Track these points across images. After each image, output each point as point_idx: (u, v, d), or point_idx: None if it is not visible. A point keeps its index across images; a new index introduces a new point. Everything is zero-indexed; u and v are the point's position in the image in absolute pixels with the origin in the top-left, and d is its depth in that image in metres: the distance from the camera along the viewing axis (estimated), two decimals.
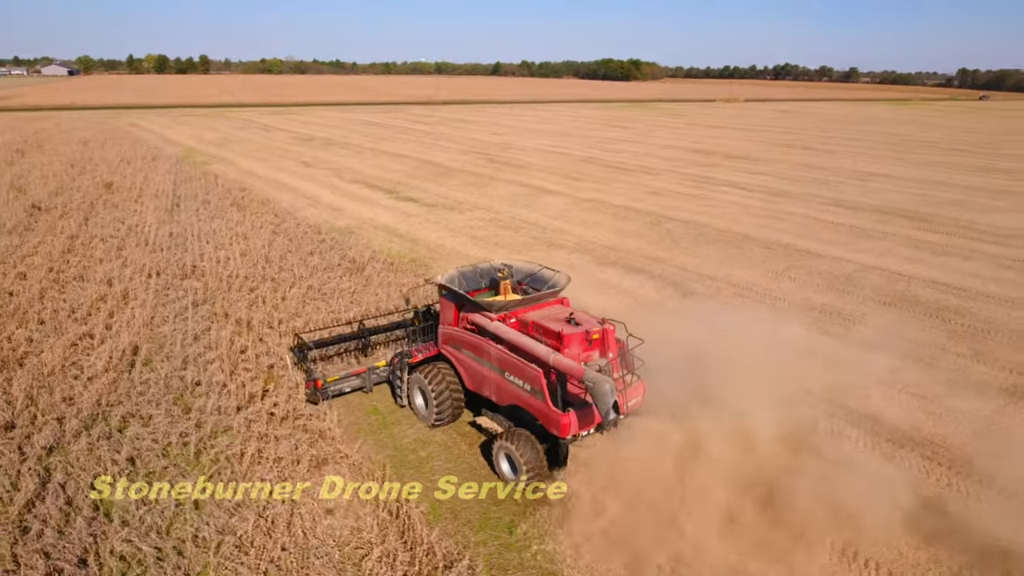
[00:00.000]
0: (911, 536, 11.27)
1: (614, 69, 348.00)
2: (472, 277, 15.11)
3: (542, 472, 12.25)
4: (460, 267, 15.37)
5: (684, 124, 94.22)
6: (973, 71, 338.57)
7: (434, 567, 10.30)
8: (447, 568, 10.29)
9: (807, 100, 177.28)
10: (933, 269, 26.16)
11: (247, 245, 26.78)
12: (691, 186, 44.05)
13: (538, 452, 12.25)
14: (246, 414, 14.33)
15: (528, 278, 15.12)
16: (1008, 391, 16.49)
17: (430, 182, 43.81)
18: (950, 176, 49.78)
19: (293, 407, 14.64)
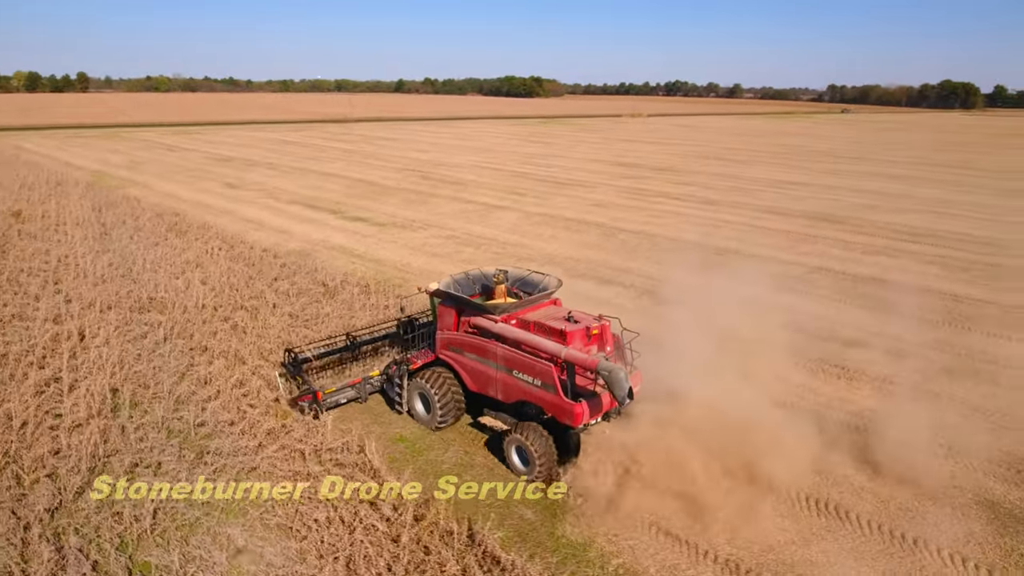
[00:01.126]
0: None
1: (517, 86, 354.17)
2: (465, 284, 15.73)
3: (553, 463, 12.95)
4: (453, 275, 15.91)
5: (600, 139, 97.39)
6: (841, 87, 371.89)
7: None
8: None
9: (702, 114, 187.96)
10: (871, 267, 28.47)
11: (204, 273, 25.09)
12: (628, 198, 45.59)
13: (549, 443, 12.90)
14: (269, 453, 13.41)
15: (518, 282, 15.85)
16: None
17: (371, 201, 42.86)
18: (852, 182, 54.37)
19: (320, 441, 13.84)
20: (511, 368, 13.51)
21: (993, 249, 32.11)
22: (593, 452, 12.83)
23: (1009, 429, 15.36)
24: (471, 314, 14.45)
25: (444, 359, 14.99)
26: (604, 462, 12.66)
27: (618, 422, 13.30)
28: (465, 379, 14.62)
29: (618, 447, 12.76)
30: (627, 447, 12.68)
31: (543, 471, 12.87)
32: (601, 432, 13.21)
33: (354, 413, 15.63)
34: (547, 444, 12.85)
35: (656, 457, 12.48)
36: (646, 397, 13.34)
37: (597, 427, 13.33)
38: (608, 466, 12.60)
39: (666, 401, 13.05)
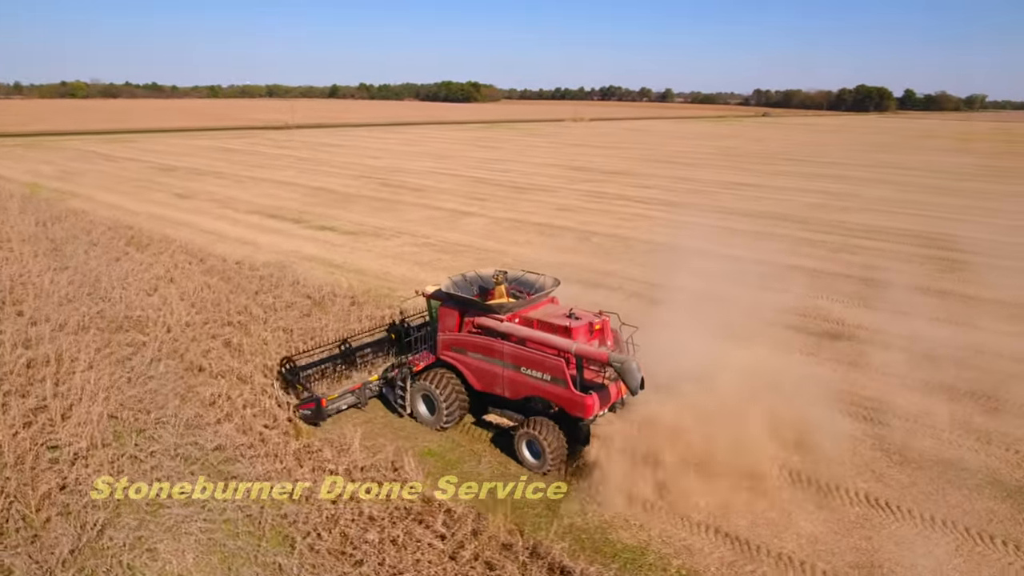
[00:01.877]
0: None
1: (455, 91, 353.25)
2: (464, 286, 15.99)
3: (564, 455, 13.45)
4: (452, 277, 16.12)
5: (548, 143, 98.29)
6: (766, 91, 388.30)
7: None
8: None
9: (640, 119, 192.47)
10: (839, 265, 29.85)
11: (180, 288, 23.84)
12: (591, 201, 46.19)
13: (560, 436, 13.40)
14: (300, 474, 12.85)
15: (514, 282, 16.28)
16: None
17: (335, 209, 41.83)
18: (800, 184, 56.85)
19: (351, 461, 13.36)
20: (519, 365, 13.91)
21: (947, 244, 34.23)
22: (627, 459, 12.92)
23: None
24: (475, 314, 14.76)
25: (446, 360, 15.25)
26: (640, 467, 12.82)
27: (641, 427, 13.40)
28: (469, 378, 14.88)
29: (648, 448, 12.97)
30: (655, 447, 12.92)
31: (555, 463, 13.39)
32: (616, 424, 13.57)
33: (378, 428, 15.19)
34: (558, 437, 13.38)
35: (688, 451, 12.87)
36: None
37: (602, 417, 13.88)
38: (643, 470, 12.80)
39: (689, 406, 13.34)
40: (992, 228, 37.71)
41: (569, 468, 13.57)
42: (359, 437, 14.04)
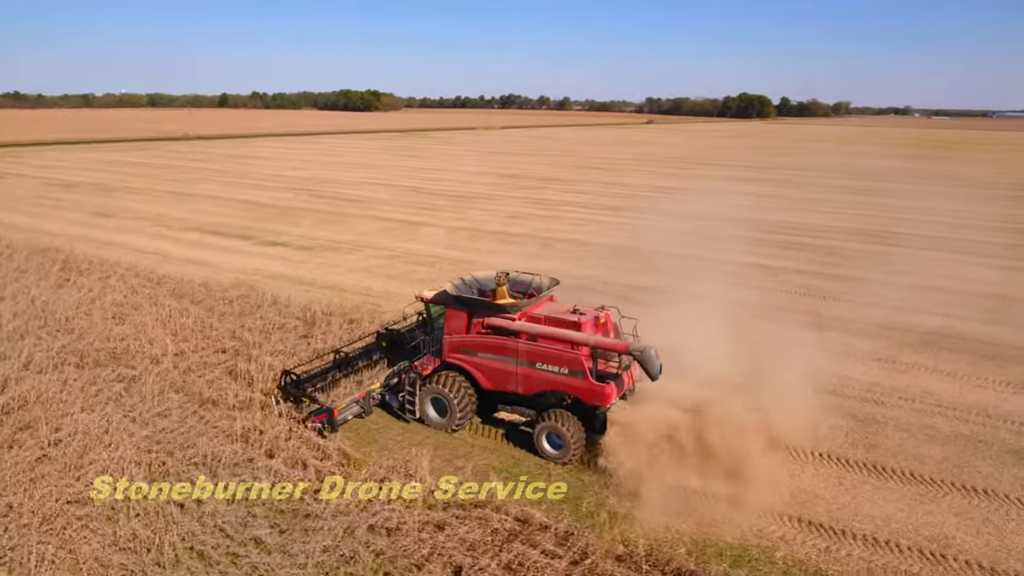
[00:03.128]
0: None
1: (355, 100, 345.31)
2: (464, 289, 16.14)
3: (583, 444, 14.06)
4: (452, 281, 16.36)
5: (469, 151, 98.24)
6: (657, 99, 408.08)
7: None
8: None
9: (545, 126, 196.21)
10: (795, 262, 31.90)
11: (153, 315, 21.82)
12: (537, 208, 46.66)
13: (579, 426, 14.00)
14: (379, 508, 12.13)
15: (510, 283, 16.44)
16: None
17: (278, 223, 39.81)
18: (723, 186, 60.14)
19: (429, 488, 12.76)
20: (534, 361, 14.33)
21: (876, 239, 37.38)
22: (693, 465, 13.28)
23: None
24: (485, 315, 15.03)
25: (453, 362, 15.44)
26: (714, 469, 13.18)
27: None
28: (479, 379, 15.12)
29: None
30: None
31: (576, 453, 13.94)
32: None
33: (429, 449, 14.58)
34: (578, 426, 14.02)
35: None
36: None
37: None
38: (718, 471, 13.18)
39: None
40: (925, 225, 41.53)
41: (586, 457, 14.12)
42: (427, 458, 13.44)
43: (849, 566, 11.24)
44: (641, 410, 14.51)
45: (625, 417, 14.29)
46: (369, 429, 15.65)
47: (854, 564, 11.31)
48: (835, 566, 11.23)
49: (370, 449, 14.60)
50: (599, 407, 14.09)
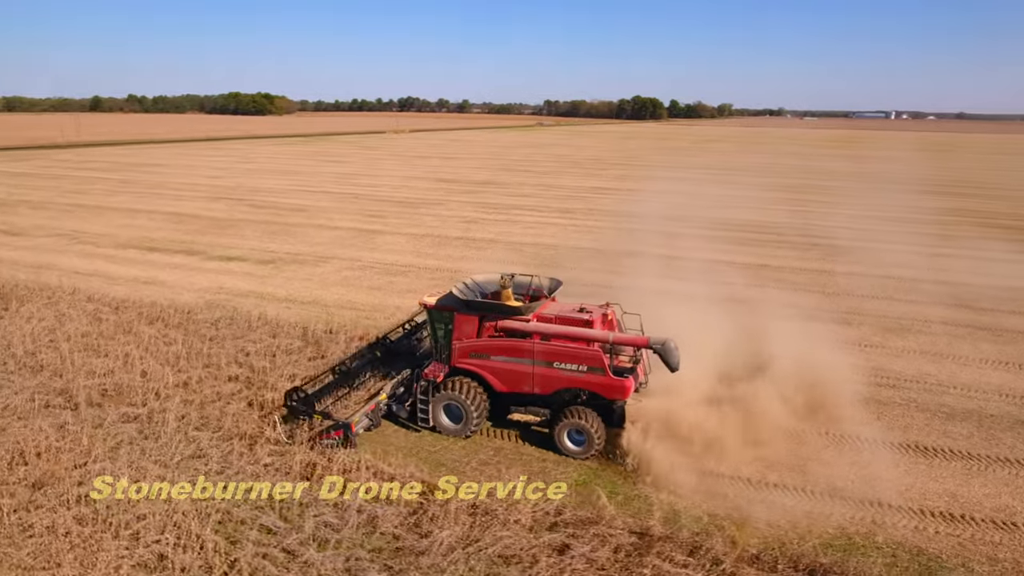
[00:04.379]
0: None
1: (246, 103, 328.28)
2: (468, 293, 16.08)
3: (604, 437, 14.37)
4: (456, 286, 16.24)
5: (390, 156, 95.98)
6: (555, 102, 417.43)
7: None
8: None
9: (456, 129, 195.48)
10: (756, 257, 33.58)
11: (133, 343, 19.63)
12: (488, 213, 46.35)
13: (600, 421, 14.34)
14: (493, 540, 11.54)
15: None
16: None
17: (221, 237, 37.14)
18: (649, 186, 62.18)
19: (548, 508, 12.28)
20: (551, 361, 14.48)
21: (817, 233, 40.04)
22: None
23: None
24: (496, 318, 15.09)
25: (464, 367, 15.28)
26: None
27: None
28: (492, 382, 15.08)
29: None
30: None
31: (599, 447, 14.25)
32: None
33: (516, 467, 14.06)
34: (600, 421, 14.34)
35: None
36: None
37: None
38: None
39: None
40: (858, 219, 44.77)
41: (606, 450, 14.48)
42: (522, 479, 12.95)
43: (943, 543, 11.94)
44: (668, 404, 14.89)
45: (652, 412, 14.73)
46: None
47: (944, 541, 12.01)
48: (932, 545, 11.89)
49: (423, 465, 13.90)
50: (618, 401, 14.51)
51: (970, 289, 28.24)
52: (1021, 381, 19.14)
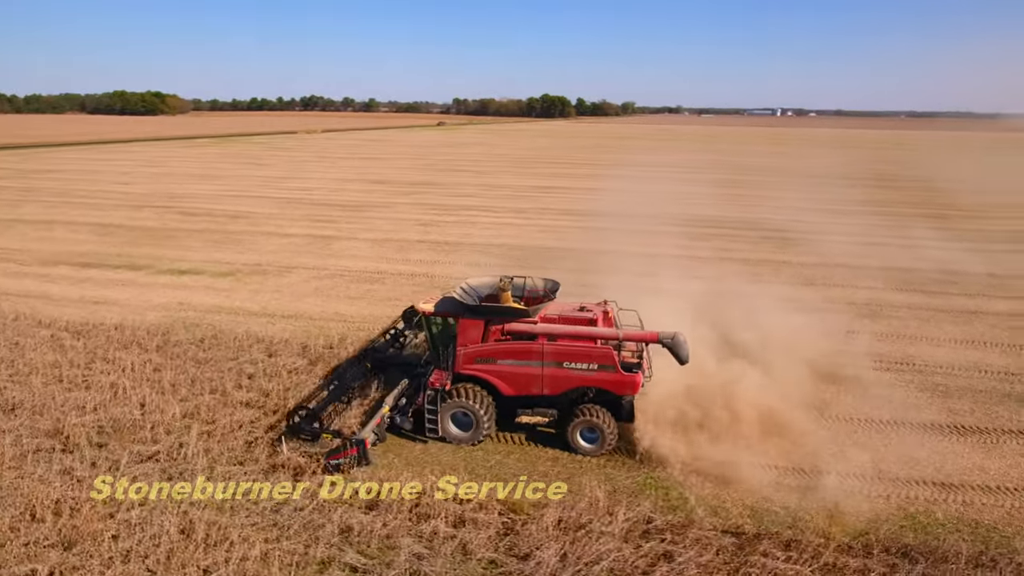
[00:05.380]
0: None
1: (133, 103, 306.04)
2: (467, 298, 15.75)
3: (617, 435, 14.61)
4: (455, 291, 15.72)
5: (311, 157, 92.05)
6: (464, 100, 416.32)
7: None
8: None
9: (370, 128, 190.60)
10: (713, 250, 34.80)
11: (116, 372, 17.69)
12: (442, 215, 45.46)
13: (612, 417, 14.57)
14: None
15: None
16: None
17: (162, 248, 34.36)
18: (587, 184, 63.21)
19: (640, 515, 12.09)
20: (561, 361, 14.50)
21: (761, 226, 41.94)
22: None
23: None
24: (503, 321, 14.96)
25: (470, 373, 15.02)
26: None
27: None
28: (499, 387, 14.94)
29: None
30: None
31: (612, 443, 14.49)
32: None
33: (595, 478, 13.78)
34: (611, 418, 14.58)
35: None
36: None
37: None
38: None
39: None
40: (796, 211, 47.17)
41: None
42: (604, 494, 12.66)
43: (992, 514, 12.79)
44: (692, 395, 15.35)
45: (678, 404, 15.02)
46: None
47: (992, 512, 12.87)
48: (984, 516, 12.71)
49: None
50: (626, 396, 14.77)
51: (915, 274, 30.59)
52: (992, 357, 20.90)
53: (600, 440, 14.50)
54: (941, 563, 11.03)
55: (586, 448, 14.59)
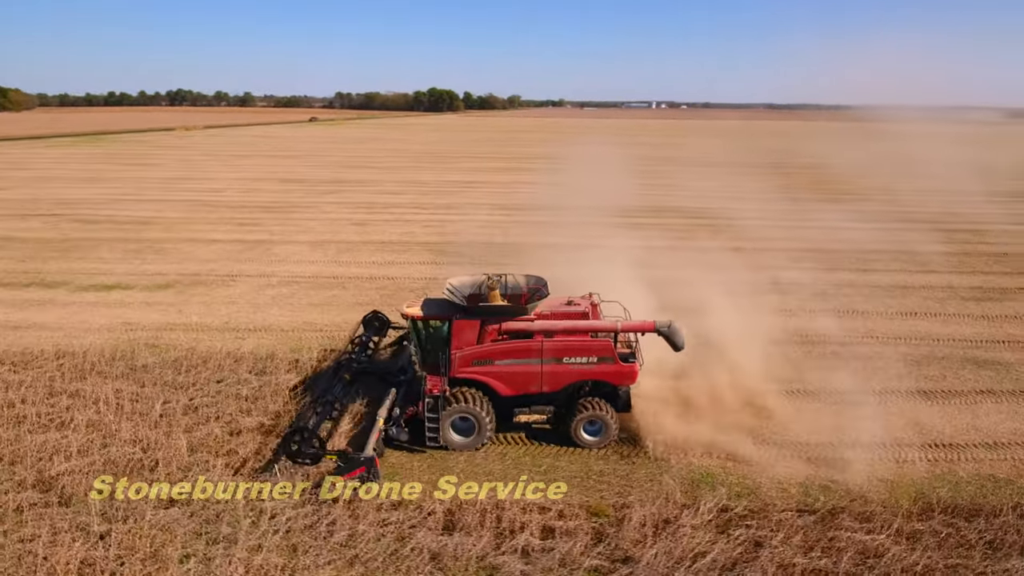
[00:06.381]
0: None
1: None
2: (457, 298, 15.37)
3: (619, 426, 14.82)
4: (445, 292, 15.30)
5: (203, 156, 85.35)
6: (347, 94, 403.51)
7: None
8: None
9: (254, 124, 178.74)
10: (664, 240, 35.95)
11: (91, 408, 15.48)
12: (370, 213, 43.85)
13: (612, 408, 14.75)
14: None
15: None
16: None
17: (71, 262, 30.60)
18: (506, 178, 63.48)
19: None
20: (560, 357, 14.42)
21: (694, 215, 43.83)
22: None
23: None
24: (499, 321, 14.60)
25: (466, 377, 14.59)
26: None
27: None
28: (497, 388, 14.62)
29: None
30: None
31: (615, 434, 14.60)
32: None
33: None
34: (612, 409, 14.72)
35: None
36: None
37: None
38: None
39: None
40: (717, 200, 49.44)
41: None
42: (679, 488, 12.70)
43: (1004, 468, 14.26)
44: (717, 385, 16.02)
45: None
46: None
47: (1001, 465, 14.36)
48: (997, 470, 14.12)
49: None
50: (623, 387, 14.91)
51: (839, 255, 33.24)
52: (936, 327, 23.14)
53: (604, 432, 14.53)
54: (993, 517, 12.07)
55: (590, 441, 14.56)
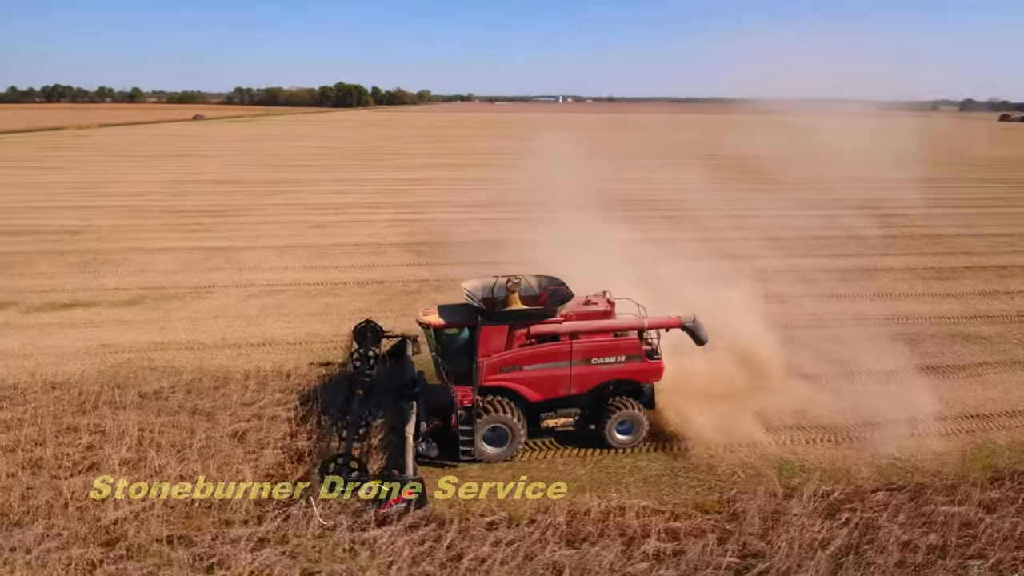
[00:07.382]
0: None
1: None
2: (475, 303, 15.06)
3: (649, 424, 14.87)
4: (464, 297, 14.98)
5: (110, 157, 78.53)
6: (248, 89, 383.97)
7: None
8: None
9: (161, 122, 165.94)
10: (637, 233, 36.37)
11: (108, 447, 13.84)
12: (326, 215, 42.03)
13: (642, 407, 14.81)
14: None
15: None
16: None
17: (13, 278, 27.34)
18: (447, 174, 62.67)
19: None
20: (589, 358, 14.31)
21: (656, 206, 44.69)
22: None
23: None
24: (527, 325, 14.32)
25: (494, 384, 14.20)
26: None
27: None
28: (526, 394, 14.31)
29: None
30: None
31: (645, 432, 14.60)
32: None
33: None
34: (643, 407, 14.72)
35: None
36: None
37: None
38: None
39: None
40: (662, 191, 50.56)
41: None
42: (777, 478, 12.91)
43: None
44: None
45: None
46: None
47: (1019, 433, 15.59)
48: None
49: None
50: (647, 383, 14.98)
51: (795, 242, 34.92)
52: (912, 305, 24.91)
53: (636, 431, 14.49)
54: None
55: (623, 440, 14.51)
